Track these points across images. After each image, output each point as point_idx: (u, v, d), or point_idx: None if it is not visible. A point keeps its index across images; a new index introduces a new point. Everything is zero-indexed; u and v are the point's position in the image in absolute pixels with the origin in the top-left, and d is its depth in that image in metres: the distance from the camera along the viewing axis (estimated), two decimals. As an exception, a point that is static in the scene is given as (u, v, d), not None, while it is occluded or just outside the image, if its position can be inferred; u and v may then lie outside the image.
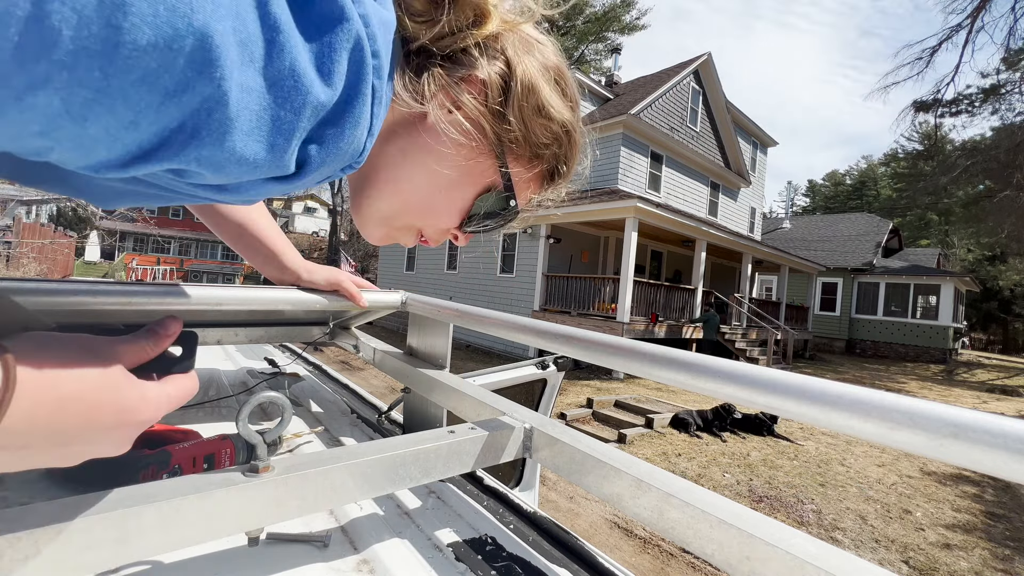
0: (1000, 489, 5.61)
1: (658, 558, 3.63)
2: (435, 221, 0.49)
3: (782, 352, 13.23)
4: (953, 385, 13.88)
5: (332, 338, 1.17)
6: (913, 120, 17.92)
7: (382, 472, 0.52)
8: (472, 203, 0.48)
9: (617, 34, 31.81)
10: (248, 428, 0.44)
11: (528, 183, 0.49)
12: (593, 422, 6.95)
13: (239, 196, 0.33)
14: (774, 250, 15.60)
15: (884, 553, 3.94)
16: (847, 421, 0.34)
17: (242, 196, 0.33)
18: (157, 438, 0.69)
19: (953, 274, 18.64)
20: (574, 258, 13.99)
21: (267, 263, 0.86)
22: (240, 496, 0.42)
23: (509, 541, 0.60)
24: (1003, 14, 14.60)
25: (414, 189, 0.45)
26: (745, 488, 4.95)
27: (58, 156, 0.23)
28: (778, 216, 36.07)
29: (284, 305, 0.84)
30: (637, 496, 0.50)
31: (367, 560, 0.54)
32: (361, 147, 0.34)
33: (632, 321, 10.40)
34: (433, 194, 0.46)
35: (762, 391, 0.40)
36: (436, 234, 0.51)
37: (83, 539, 0.36)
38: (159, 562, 0.49)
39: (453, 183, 0.45)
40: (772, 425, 6.66)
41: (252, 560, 0.51)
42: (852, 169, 56.62)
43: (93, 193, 0.36)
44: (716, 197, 17.11)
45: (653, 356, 0.50)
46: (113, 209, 0.50)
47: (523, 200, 0.50)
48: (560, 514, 4.14)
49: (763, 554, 0.40)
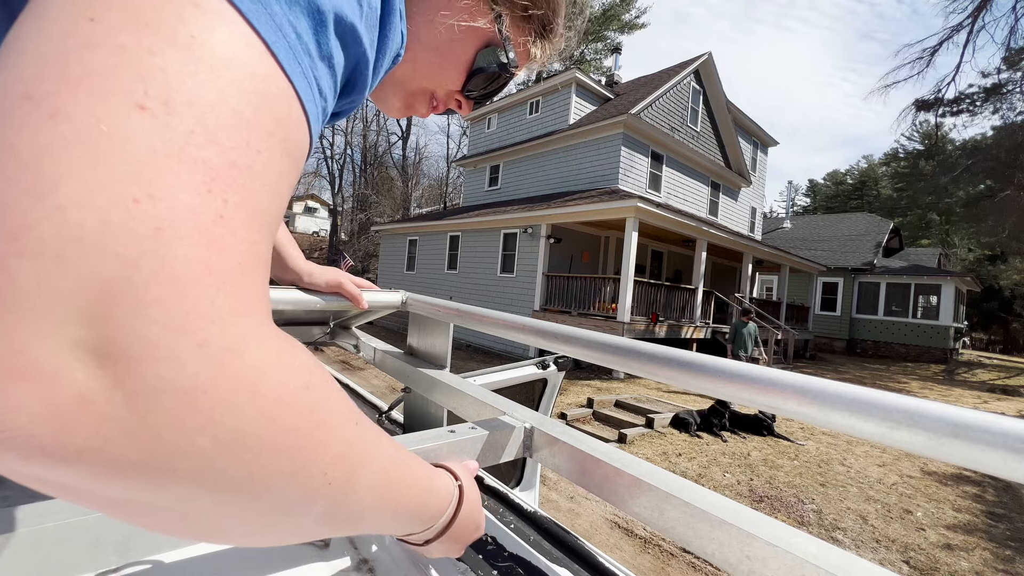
0: (1001, 489, 5.61)
1: (658, 558, 3.63)
2: (444, 79, 0.52)
3: (783, 352, 13.22)
4: (954, 385, 13.88)
5: (332, 338, 1.17)
6: (914, 119, 17.90)
7: (382, 472, 0.52)
8: (473, 58, 0.51)
9: (617, 32, 31.79)
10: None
11: (522, 40, 0.53)
12: (593, 422, 6.95)
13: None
14: (775, 250, 15.60)
15: (885, 553, 3.94)
16: (848, 421, 0.34)
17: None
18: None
19: (954, 274, 18.62)
20: (574, 258, 13.99)
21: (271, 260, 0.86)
22: (240, 495, 0.42)
23: (509, 541, 0.60)
24: (1004, 14, 14.60)
25: (421, 45, 0.48)
26: (745, 488, 4.95)
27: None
28: (779, 216, 36.06)
29: (284, 305, 0.84)
30: (637, 496, 0.51)
31: (367, 560, 0.54)
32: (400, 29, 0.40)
33: (632, 321, 10.39)
34: (440, 48, 0.49)
35: (762, 391, 0.40)
36: (445, 96, 0.55)
37: (84, 538, 0.36)
38: (159, 561, 0.49)
39: (455, 37, 0.48)
40: (771, 424, 6.65)
41: (252, 560, 0.51)
42: (853, 169, 56.62)
43: None
44: (716, 197, 17.11)
45: (653, 356, 0.50)
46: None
47: (521, 57, 0.54)
48: (560, 514, 4.14)
49: (763, 553, 0.40)
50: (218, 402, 0.21)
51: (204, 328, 0.20)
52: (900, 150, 28.06)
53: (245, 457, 0.23)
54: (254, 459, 0.23)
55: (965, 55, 15.27)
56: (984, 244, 29.33)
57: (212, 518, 0.25)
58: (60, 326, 0.18)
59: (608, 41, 31.37)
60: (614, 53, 19.39)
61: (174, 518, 0.24)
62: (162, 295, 0.19)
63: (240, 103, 0.23)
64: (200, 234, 0.20)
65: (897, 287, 19.32)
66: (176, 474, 0.21)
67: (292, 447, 0.25)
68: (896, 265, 20.51)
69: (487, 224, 14.06)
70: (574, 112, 15.09)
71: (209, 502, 0.23)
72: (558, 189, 15.06)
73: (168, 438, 0.20)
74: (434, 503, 0.43)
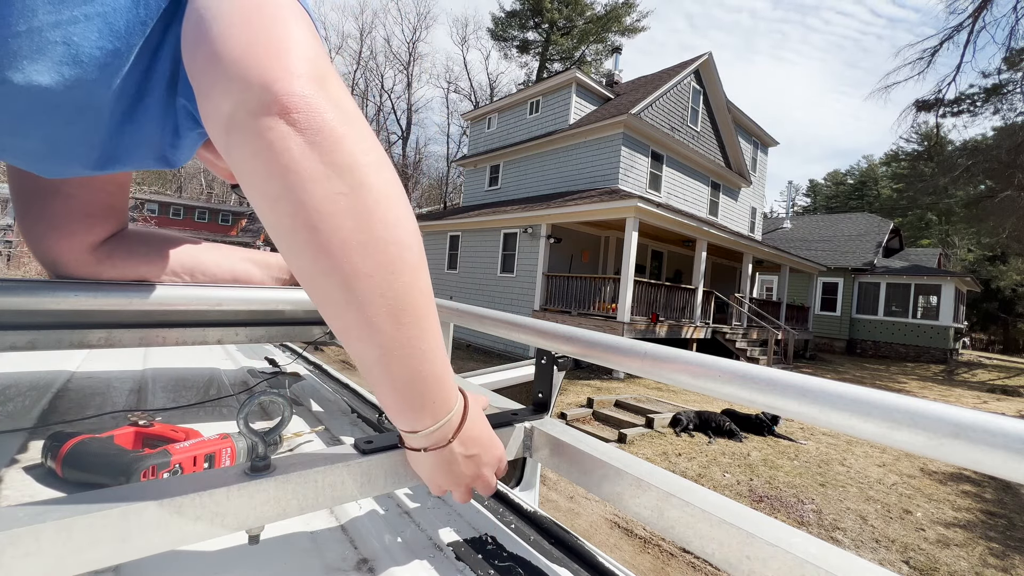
0: (1000, 489, 5.61)
1: (658, 558, 3.63)
2: None
3: (783, 352, 13.22)
4: (954, 385, 13.87)
5: (332, 337, 1.17)
6: (914, 120, 17.85)
7: (382, 471, 0.52)
8: None
9: (618, 35, 31.82)
10: (248, 427, 0.44)
11: None
12: (593, 422, 6.95)
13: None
14: (775, 250, 15.59)
15: (884, 553, 3.94)
16: (848, 421, 0.34)
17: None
18: (157, 438, 0.69)
19: (954, 274, 18.61)
20: (574, 258, 13.98)
21: (258, 273, 0.88)
22: (240, 495, 0.42)
23: (509, 540, 0.60)
24: (1004, 14, 14.58)
25: None
26: (745, 488, 4.94)
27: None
28: (779, 216, 36.05)
29: (284, 305, 0.84)
30: (637, 495, 0.50)
31: (367, 559, 0.54)
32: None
33: (633, 321, 10.39)
34: None
35: (762, 391, 0.40)
36: None
37: (84, 537, 0.36)
38: (160, 560, 0.49)
39: None
40: (772, 425, 6.65)
41: (252, 559, 0.51)
42: (853, 169, 56.57)
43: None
44: (717, 197, 17.10)
45: (653, 356, 0.50)
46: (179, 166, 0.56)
47: None
48: (560, 514, 4.14)
49: (763, 553, 0.40)
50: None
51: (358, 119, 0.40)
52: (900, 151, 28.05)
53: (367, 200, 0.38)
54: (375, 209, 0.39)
55: (965, 55, 15.26)
56: (984, 244, 29.32)
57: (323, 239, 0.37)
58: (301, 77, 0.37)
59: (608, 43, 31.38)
60: (614, 53, 19.38)
61: (300, 221, 0.37)
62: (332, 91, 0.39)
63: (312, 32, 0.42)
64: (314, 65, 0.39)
65: (897, 287, 19.31)
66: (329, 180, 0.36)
67: (406, 237, 0.41)
68: (896, 265, 20.50)
69: (487, 224, 14.05)
70: (574, 112, 15.09)
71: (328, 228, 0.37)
72: (558, 189, 15.05)
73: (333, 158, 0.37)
74: (449, 397, 0.47)
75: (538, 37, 33.71)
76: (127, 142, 0.47)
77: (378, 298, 0.39)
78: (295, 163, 0.36)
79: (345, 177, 0.37)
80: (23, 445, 0.71)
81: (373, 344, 0.41)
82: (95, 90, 0.42)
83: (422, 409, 0.46)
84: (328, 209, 0.37)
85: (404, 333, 0.41)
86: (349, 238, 0.37)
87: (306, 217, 0.37)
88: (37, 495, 0.58)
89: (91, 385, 1.04)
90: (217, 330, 1.02)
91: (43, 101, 0.40)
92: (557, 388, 0.71)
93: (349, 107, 0.39)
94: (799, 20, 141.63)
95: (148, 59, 0.43)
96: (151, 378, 1.13)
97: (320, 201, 0.36)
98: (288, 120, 0.35)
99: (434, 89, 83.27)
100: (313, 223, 0.37)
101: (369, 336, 0.40)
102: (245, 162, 0.37)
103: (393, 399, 0.44)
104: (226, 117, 0.36)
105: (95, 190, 0.65)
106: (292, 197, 0.36)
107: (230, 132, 0.37)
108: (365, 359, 0.42)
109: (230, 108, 0.36)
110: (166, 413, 0.89)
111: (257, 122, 0.35)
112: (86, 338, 0.87)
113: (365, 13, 65.82)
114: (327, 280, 0.38)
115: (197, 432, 0.71)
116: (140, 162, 0.51)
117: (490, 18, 35.41)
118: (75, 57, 0.39)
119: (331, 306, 0.40)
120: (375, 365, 0.42)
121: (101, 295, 0.65)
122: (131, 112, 0.45)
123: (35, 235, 0.65)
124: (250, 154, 0.36)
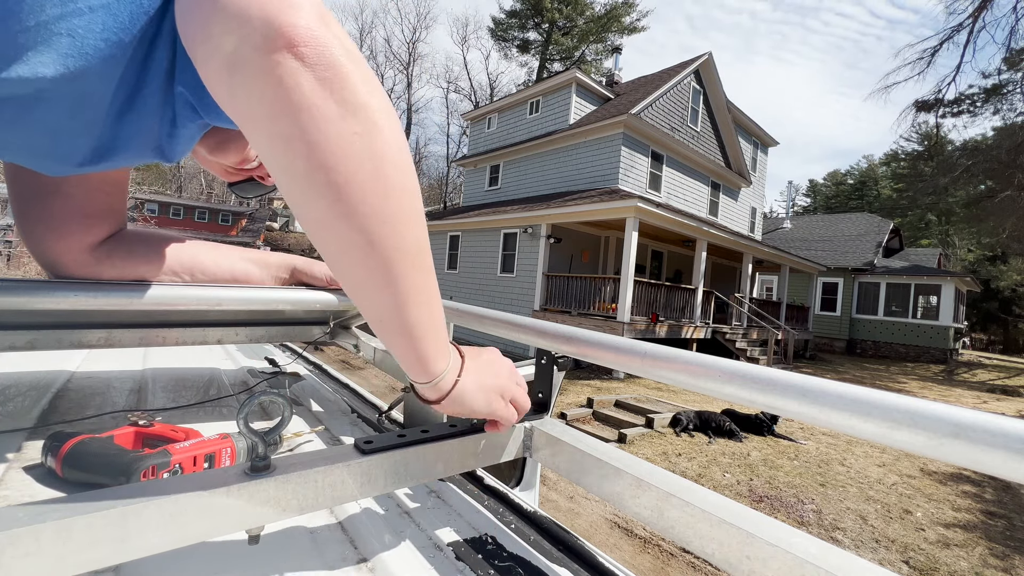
0: (1000, 489, 5.61)
1: (658, 558, 3.63)
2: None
3: (783, 352, 13.22)
4: (954, 385, 13.87)
5: (332, 337, 1.17)
6: (914, 120, 17.85)
7: (382, 471, 0.52)
8: None
9: (617, 35, 31.84)
10: (248, 427, 0.44)
11: None
12: (593, 422, 6.95)
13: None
14: (775, 250, 15.59)
15: (884, 553, 3.94)
16: (848, 421, 0.34)
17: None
18: (157, 438, 0.69)
19: (954, 274, 18.61)
20: (574, 258, 13.98)
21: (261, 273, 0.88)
22: (240, 495, 0.42)
23: (509, 540, 0.60)
24: (1004, 14, 14.58)
25: None
26: (745, 488, 4.95)
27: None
28: (779, 216, 36.04)
29: (284, 305, 0.84)
30: (637, 495, 0.50)
31: (367, 559, 0.54)
32: None
33: (633, 321, 10.39)
34: None
35: (762, 391, 0.40)
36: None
37: (84, 536, 0.36)
38: (160, 560, 0.49)
39: None
40: (772, 425, 6.65)
41: (252, 559, 0.51)
42: (853, 169, 56.56)
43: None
44: (717, 197, 17.10)
45: (653, 356, 0.50)
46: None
47: None
48: (560, 514, 4.14)
49: (763, 553, 0.40)
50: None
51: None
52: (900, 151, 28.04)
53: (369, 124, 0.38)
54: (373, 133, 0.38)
55: (965, 55, 15.26)
56: (984, 244, 29.31)
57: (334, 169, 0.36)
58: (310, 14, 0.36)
59: (608, 43, 31.40)
60: (615, 53, 19.38)
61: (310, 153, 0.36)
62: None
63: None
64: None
65: (897, 287, 19.31)
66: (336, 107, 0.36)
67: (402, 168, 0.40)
68: (896, 265, 20.50)
69: (487, 224, 14.05)
70: (574, 112, 15.08)
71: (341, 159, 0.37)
72: (558, 189, 15.05)
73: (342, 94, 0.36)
74: (447, 339, 0.51)
75: (538, 37, 33.73)
76: (126, 132, 0.47)
77: (397, 243, 0.39)
78: (307, 100, 0.35)
79: (359, 116, 0.37)
80: (23, 445, 0.71)
81: (393, 291, 0.41)
82: (99, 81, 0.42)
83: (438, 354, 0.47)
84: (345, 150, 0.36)
85: (420, 278, 0.42)
86: (367, 181, 0.37)
87: (323, 158, 0.36)
88: (37, 495, 0.58)
89: (91, 385, 1.04)
90: (217, 330, 1.02)
91: (47, 93, 0.40)
92: (557, 388, 0.71)
93: (351, 46, 0.38)
94: (799, 21, 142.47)
95: (148, 47, 0.43)
96: (151, 378, 1.13)
97: (336, 142, 0.36)
98: (296, 54, 0.34)
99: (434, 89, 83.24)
100: (331, 164, 0.36)
101: (388, 283, 0.40)
102: (252, 102, 0.36)
103: (409, 348, 0.45)
104: (228, 56, 0.35)
105: (93, 190, 0.65)
106: (306, 137, 0.35)
107: (233, 72, 0.35)
108: (383, 308, 0.42)
109: (232, 46, 0.34)
110: (166, 413, 0.89)
111: (263, 58, 0.34)
112: (86, 338, 0.87)
113: (365, 13, 65.88)
114: (346, 225, 0.38)
115: (197, 432, 0.71)
116: (137, 154, 0.51)
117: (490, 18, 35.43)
118: (80, 49, 0.39)
119: (349, 253, 0.40)
120: (394, 314, 0.42)
121: (101, 295, 0.65)
122: (131, 101, 0.45)
123: (34, 236, 0.65)
124: (258, 92, 0.35)
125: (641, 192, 13.70)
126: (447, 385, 0.51)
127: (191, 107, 0.48)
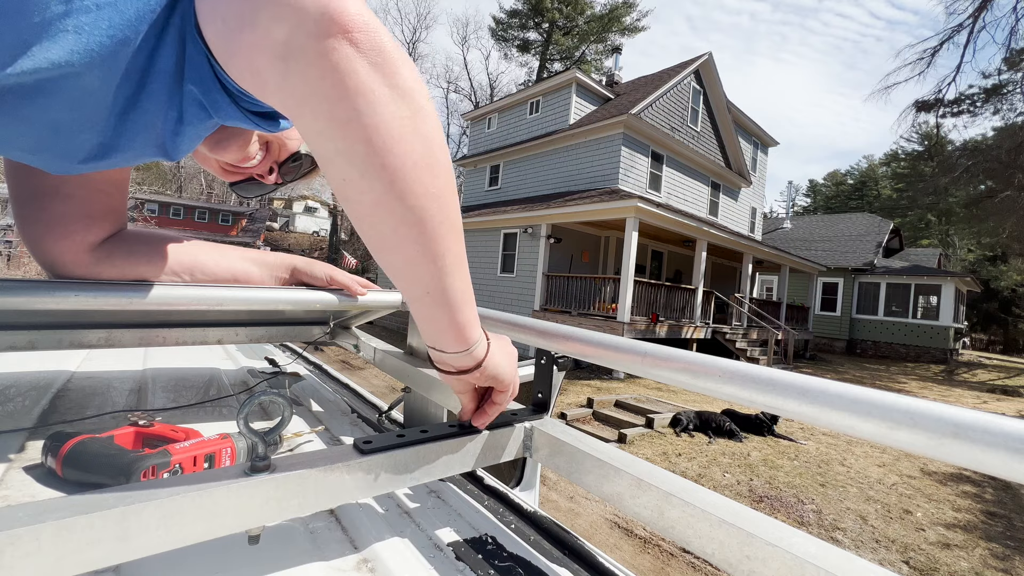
0: (1000, 489, 5.61)
1: (658, 558, 3.63)
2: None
3: (783, 352, 13.22)
4: (954, 385, 13.87)
5: (332, 337, 1.17)
6: (915, 120, 17.83)
7: (382, 471, 0.52)
8: None
9: (618, 35, 31.86)
10: (248, 427, 0.44)
11: None
12: (593, 422, 6.95)
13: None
14: (775, 250, 15.58)
15: (884, 553, 3.94)
16: (848, 421, 0.34)
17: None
18: (157, 438, 0.69)
19: (954, 274, 18.60)
20: (574, 258, 13.98)
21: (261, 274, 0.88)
22: (240, 495, 0.42)
23: (509, 540, 0.60)
24: (1004, 14, 14.58)
25: None
26: (745, 488, 4.94)
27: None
28: (779, 216, 36.05)
29: (284, 305, 0.84)
30: (637, 495, 0.50)
31: (367, 559, 0.54)
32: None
33: (633, 321, 10.39)
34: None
35: (762, 391, 0.40)
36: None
37: (84, 536, 0.36)
38: (160, 560, 0.49)
39: None
40: (772, 425, 6.65)
41: (252, 558, 0.51)
42: (853, 169, 56.55)
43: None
44: (717, 197, 17.10)
45: (653, 356, 0.50)
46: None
47: None
48: (560, 514, 4.14)
49: (763, 553, 0.40)
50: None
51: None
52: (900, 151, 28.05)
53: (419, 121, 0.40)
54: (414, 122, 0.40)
55: (965, 56, 15.25)
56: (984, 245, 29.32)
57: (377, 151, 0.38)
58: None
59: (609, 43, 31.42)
60: (615, 53, 19.38)
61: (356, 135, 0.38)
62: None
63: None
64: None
65: (897, 287, 19.30)
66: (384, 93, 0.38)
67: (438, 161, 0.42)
68: (896, 265, 20.49)
69: (487, 224, 14.05)
70: (574, 112, 15.08)
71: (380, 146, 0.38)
72: (558, 189, 15.05)
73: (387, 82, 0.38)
74: (476, 323, 0.52)
75: (538, 37, 33.73)
76: (130, 129, 0.47)
77: (445, 218, 0.43)
78: (363, 85, 0.37)
79: (408, 100, 0.39)
80: (23, 445, 0.71)
81: (440, 264, 0.44)
82: (103, 77, 0.42)
83: (475, 320, 0.51)
84: (400, 132, 0.39)
85: (460, 248, 0.46)
86: (420, 161, 0.40)
87: (380, 141, 0.38)
88: (37, 495, 0.58)
89: (91, 385, 1.04)
90: (217, 330, 1.02)
91: (52, 89, 0.40)
92: (557, 388, 0.71)
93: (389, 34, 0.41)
94: (798, 22, 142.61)
95: (153, 43, 0.43)
96: (151, 378, 1.13)
97: (391, 124, 0.38)
98: (350, 40, 0.36)
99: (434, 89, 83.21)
100: (388, 146, 0.38)
101: (437, 256, 0.44)
102: (308, 88, 0.37)
103: (451, 317, 0.48)
104: (282, 44, 0.36)
105: (93, 190, 0.65)
106: (363, 120, 0.37)
107: (288, 59, 0.36)
108: (430, 281, 0.45)
109: (286, 34, 0.36)
110: (166, 413, 0.89)
111: (320, 44, 0.36)
112: (86, 338, 0.87)
113: (365, 13, 65.51)
114: (401, 204, 0.41)
115: (197, 432, 0.71)
116: (140, 151, 0.51)
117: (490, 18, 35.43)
118: (85, 45, 0.39)
119: (403, 231, 0.42)
120: (439, 285, 0.45)
121: (101, 295, 0.65)
122: (135, 98, 0.45)
123: (34, 236, 0.65)
124: (316, 78, 0.36)
125: (641, 192, 13.70)
126: (482, 352, 0.53)
127: (200, 105, 0.48)
